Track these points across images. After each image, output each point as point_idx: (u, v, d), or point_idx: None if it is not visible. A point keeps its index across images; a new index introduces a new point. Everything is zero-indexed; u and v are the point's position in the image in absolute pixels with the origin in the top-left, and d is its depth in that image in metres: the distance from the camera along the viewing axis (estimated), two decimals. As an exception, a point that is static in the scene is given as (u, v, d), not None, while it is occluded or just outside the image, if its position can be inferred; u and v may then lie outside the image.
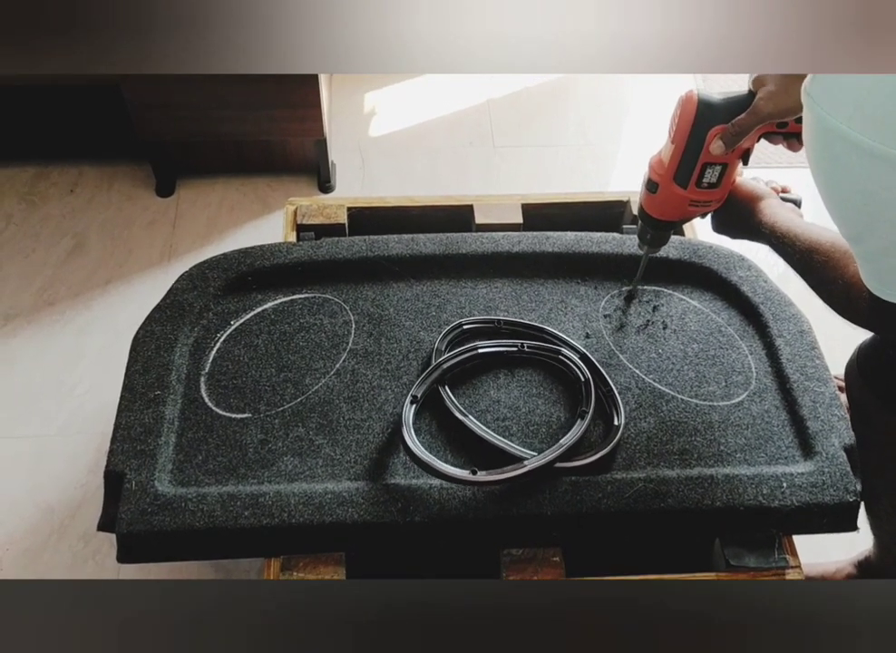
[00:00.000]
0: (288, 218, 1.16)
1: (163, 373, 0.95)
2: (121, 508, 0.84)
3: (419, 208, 1.21)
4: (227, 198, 1.65)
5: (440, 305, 1.04)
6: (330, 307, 1.04)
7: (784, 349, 0.99)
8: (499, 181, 1.70)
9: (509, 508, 0.85)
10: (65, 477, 1.27)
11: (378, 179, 1.70)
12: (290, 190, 1.64)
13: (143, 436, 0.89)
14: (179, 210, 1.62)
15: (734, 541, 0.88)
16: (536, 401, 0.95)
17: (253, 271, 1.06)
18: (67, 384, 1.37)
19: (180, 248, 1.56)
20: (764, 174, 0.99)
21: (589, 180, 1.71)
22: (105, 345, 1.42)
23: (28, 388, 1.36)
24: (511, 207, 1.20)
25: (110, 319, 1.46)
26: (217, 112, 1.51)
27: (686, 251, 1.10)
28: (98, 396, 1.36)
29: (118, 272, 1.53)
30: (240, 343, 1.00)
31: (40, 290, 1.49)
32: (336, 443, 0.91)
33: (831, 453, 0.90)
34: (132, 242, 1.57)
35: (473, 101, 1.87)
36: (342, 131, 1.78)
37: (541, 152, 1.77)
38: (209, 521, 0.83)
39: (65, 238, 1.57)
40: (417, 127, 1.81)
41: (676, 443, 0.92)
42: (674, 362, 1.00)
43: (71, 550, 1.19)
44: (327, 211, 1.17)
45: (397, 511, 0.84)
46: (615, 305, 1.06)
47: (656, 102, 1.87)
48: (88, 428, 1.32)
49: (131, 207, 1.63)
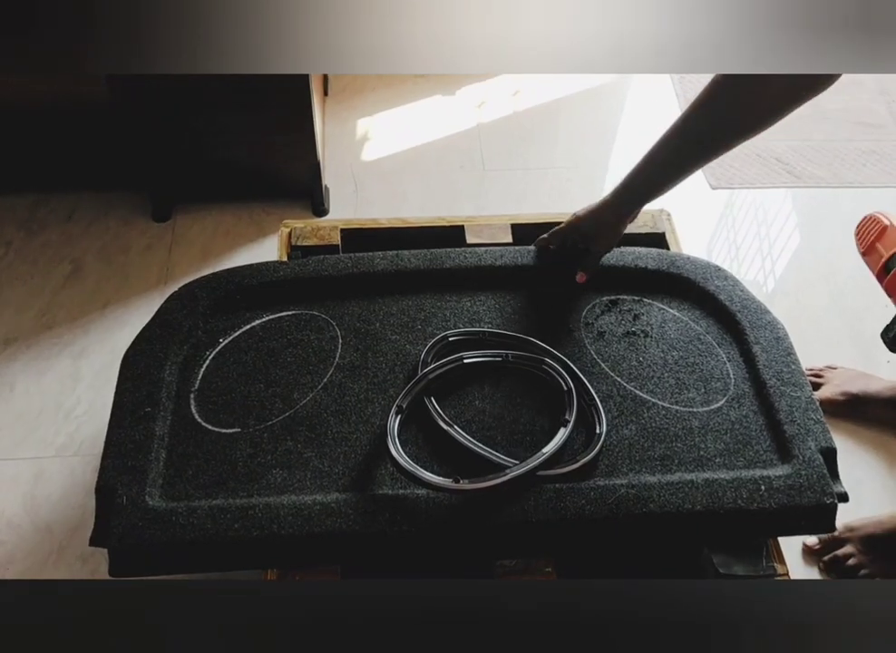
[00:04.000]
0: (283, 240, 1.19)
1: (153, 390, 0.97)
2: (112, 522, 0.86)
3: (411, 228, 1.24)
4: (222, 223, 1.68)
5: (425, 318, 1.07)
6: (317, 323, 1.06)
7: (761, 356, 1.02)
8: (489, 204, 1.73)
9: (494, 516, 0.87)
10: (63, 498, 1.28)
11: (371, 202, 1.74)
12: (285, 214, 1.67)
13: (134, 452, 0.91)
14: (175, 235, 1.65)
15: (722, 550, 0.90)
16: (520, 410, 0.97)
17: (241, 290, 1.08)
18: (65, 406, 1.39)
19: (176, 272, 1.59)
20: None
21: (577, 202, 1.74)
22: (103, 367, 1.44)
23: (27, 411, 1.38)
24: (500, 227, 1.23)
25: (107, 342, 1.48)
26: (212, 138, 1.54)
27: (664, 262, 1.13)
28: (96, 418, 1.37)
29: (115, 296, 1.55)
30: (229, 360, 1.02)
31: (38, 315, 1.51)
32: (324, 455, 0.92)
33: (807, 456, 0.92)
34: (129, 267, 1.59)
35: (464, 126, 1.91)
36: (335, 157, 1.82)
37: (530, 176, 1.80)
38: (199, 534, 0.84)
39: (63, 264, 1.59)
40: (409, 152, 1.85)
41: (657, 449, 0.94)
42: (654, 369, 1.02)
43: (69, 569, 1.20)
44: (321, 233, 1.20)
45: (385, 521, 0.86)
46: (596, 314, 1.08)
47: (642, 128, 1.92)
48: (85, 450, 1.33)
49: (128, 232, 1.65)
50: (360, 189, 1.76)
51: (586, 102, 1.97)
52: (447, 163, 1.82)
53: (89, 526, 1.24)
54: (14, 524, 1.25)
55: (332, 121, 1.89)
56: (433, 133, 1.89)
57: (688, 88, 1.98)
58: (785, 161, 1.83)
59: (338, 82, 1.98)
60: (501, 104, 1.96)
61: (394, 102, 1.94)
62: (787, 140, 1.86)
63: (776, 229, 1.71)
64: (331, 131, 1.87)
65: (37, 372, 1.43)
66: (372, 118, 1.92)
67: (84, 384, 1.42)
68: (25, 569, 1.20)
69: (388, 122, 1.91)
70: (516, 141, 1.88)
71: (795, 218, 1.74)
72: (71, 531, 1.24)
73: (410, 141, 1.87)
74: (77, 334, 1.49)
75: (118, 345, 1.47)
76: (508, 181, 1.79)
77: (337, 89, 1.96)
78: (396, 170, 1.80)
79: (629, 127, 1.93)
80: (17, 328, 1.49)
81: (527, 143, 1.88)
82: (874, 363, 1.45)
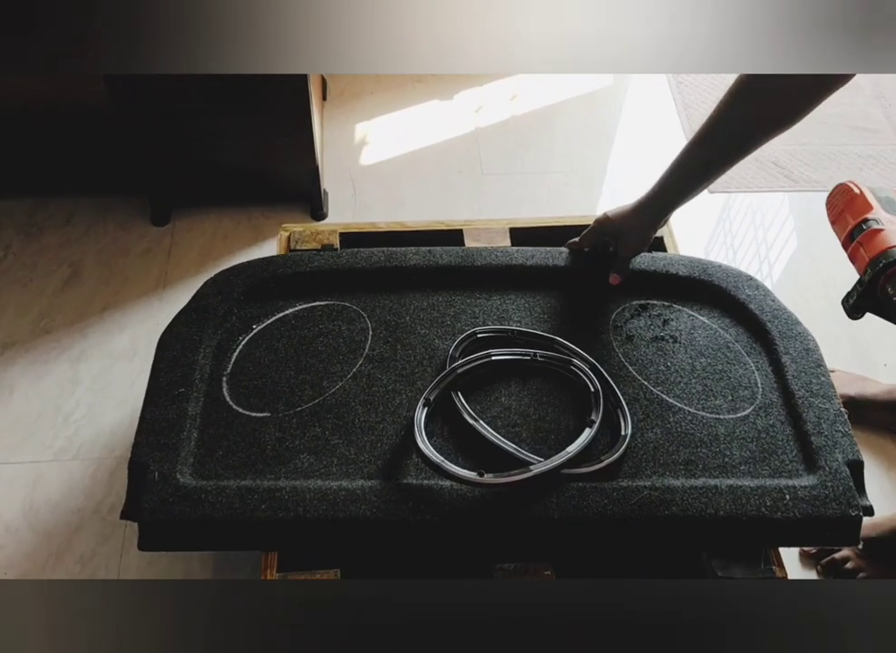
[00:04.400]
0: (282, 243, 1.20)
1: (187, 372, 0.99)
2: (143, 497, 0.88)
3: (410, 232, 1.24)
4: (221, 226, 1.68)
5: (455, 314, 1.08)
6: (348, 314, 1.08)
7: (790, 366, 1.02)
8: (487, 208, 1.74)
9: (517, 510, 0.88)
10: (62, 502, 1.28)
11: (370, 206, 1.74)
12: (283, 218, 1.67)
13: (167, 431, 0.93)
14: (174, 239, 1.65)
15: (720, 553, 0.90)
16: (546, 409, 0.98)
17: (276, 278, 1.10)
18: (63, 410, 1.39)
19: (174, 276, 1.59)
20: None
21: (574, 205, 1.75)
22: (101, 371, 1.44)
23: (25, 415, 1.38)
24: (499, 231, 1.23)
25: (106, 346, 1.48)
26: (211, 142, 1.54)
27: (696, 269, 1.13)
28: (94, 422, 1.37)
29: (114, 300, 1.55)
30: (261, 346, 1.04)
31: (37, 319, 1.51)
32: (350, 443, 0.94)
33: (834, 468, 0.92)
34: (128, 271, 1.59)
35: (462, 130, 1.91)
36: (334, 161, 1.82)
37: (528, 180, 1.81)
38: (227, 512, 0.87)
39: (62, 268, 1.59)
40: (407, 156, 1.85)
41: (681, 454, 0.94)
42: (681, 375, 1.02)
43: (68, 572, 1.20)
44: (320, 237, 1.20)
45: (408, 510, 0.87)
46: (625, 318, 1.09)
47: (639, 133, 1.92)
48: (84, 454, 1.33)
49: (127, 236, 1.65)
50: (358, 193, 1.77)
51: (583, 106, 1.98)
52: (445, 167, 1.83)
53: (87, 530, 1.25)
54: (12, 529, 1.24)
55: (330, 126, 1.90)
56: (431, 137, 1.89)
57: (686, 92, 1.99)
58: (783, 165, 1.84)
59: (336, 86, 1.98)
60: (498, 108, 1.96)
61: (393, 107, 1.95)
62: (784, 144, 1.87)
63: (773, 233, 1.72)
64: (329, 135, 1.87)
65: (36, 375, 1.43)
66: (370, 122, 1.93)
67: (83, 388, 1.42)
68: (23, 572, 1.20)
69: (386, 127, 1.92)
70: (514, 146, 1.88)
71: (792, 222, 1.74)
72: (69, 534, 1.24)
73: (408, 146, 1.87)
74: (76, 337, 1.49)
75: (116, 349, 1.47)
76: (506, 185, 1.79)
77: (336, 93, 1.97)
78: (395, 174, 1.81)
79: (627, 131, 1.94)
80: (16, 332, 1.49)
81: (525, 147, 1.88)
82: (872, 366, 1.46)
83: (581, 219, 1.27)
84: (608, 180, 1.82)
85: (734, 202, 1.77)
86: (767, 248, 1.68)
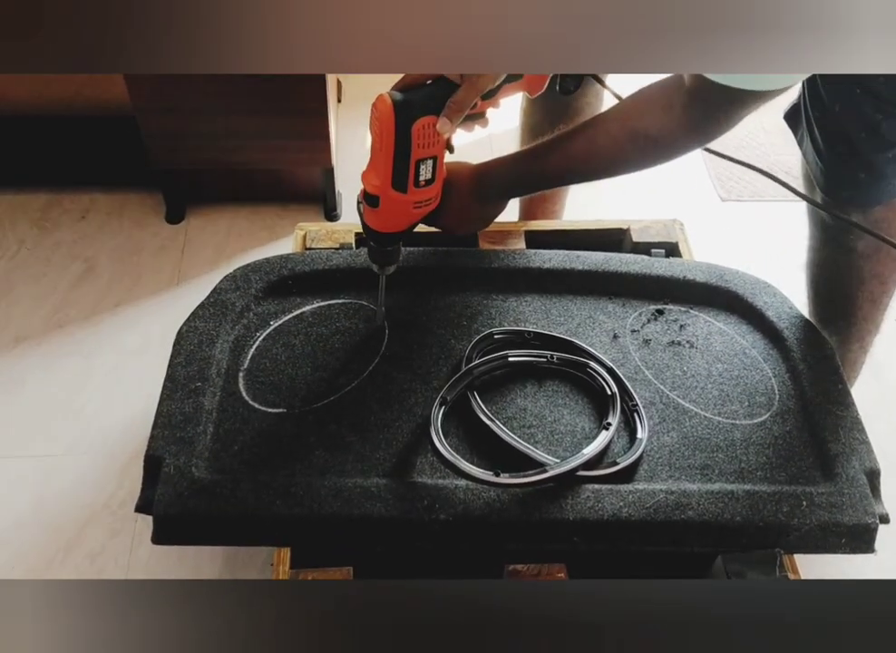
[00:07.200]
0: (298, 242, 1.20)
1: (204, 366, 0.98)
2: (158, 490, 0.87)
3: (423, 234, 1.24)
4: (235, 225, 1.68)
5: (471, 315, 1.08)
6: (366, 312, 1.08)
7: (807, 373, 1.02)
8: (501, 212, 1.74)
9: (532, 511, 0.87)
10: (72, 497, 1.28)
11: (383, 208, 1.74)
12: (297, 218, 1.67)
13: (183, 424, 0.93)
14: (188, 237, 1.66)
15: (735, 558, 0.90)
16: (562, 411, 0.98)
17: (294, 275, 1.10)
18: (75, 405, 1.39)
19: (188, 274, 1.59)
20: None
21: (587, 209, 1.75)
22: (114, 367, 1.45)
23: (37, 409, 1.38)
24: (515, 234, 1.23)
25: (118, 342, 1.48)
26: (227, 142, 1.55)
27: (713, 275, 1.13)
28: (106, 417, 1.38)
29: (127, 296, 1.55)
30: (278, 342, 1.04)
31: (50, 313, 1.52)
32: (366, 440, 0.94)
33: (851, 475, 0.92)
34: (142, 267, 1.60)
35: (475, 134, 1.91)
36: (348, 162, 1.82)
37: (542, 184, 1.81)
38: (242, 507, 0.86)
39: (76, 263, 1.60)
40: (421, 159, 1.85)
41: (697, 458, 0.94)
42: (698, 380, 1.02)
43: (77, 568, 1.20)
44: (336, 236, 1.20)
45: (423, 508, 0.87)
46: (642, 322, 1.09)
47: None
48: (95, 449, 1.34)
49: (141, 233, 1.66)
50: (372, 194, 1.77)
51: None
52: (459, 171, 1.83)
53: (97, 525, 1.25)
54: (21, 523, 1.24)
55: (344, 128, 1.90)
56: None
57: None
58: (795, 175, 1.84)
59: (351, 89, 1.99)
60: (512, 112, 1.96)
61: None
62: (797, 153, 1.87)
63: (786, 242, 1.72)
64: (343, 137, 1.88)
65: (48, 370, 1.43)
66: (385, 125, 1.93)
67: (95, 383, 1.42)
68: (31, 567, 1.20)
69: (401, 129, 1.92)
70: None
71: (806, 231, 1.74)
72: (79, 529, 1.24)
73: (422, 149, 1.87)
74: (88, 333, 1.49)
75: (129, 345, 1.47)
76: (519, 190, 1.79)
77: (350, 97, 1.98)
78: (408, 176, 1.81)
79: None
80: (29, 326, 1.50)
81: (539, 153, 1.88)
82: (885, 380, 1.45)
83: (595, 224, 1.27)
84: (620, 182, 1.82)
85: (746, 211, 1.77)
86: (779, 257, 1.68)
